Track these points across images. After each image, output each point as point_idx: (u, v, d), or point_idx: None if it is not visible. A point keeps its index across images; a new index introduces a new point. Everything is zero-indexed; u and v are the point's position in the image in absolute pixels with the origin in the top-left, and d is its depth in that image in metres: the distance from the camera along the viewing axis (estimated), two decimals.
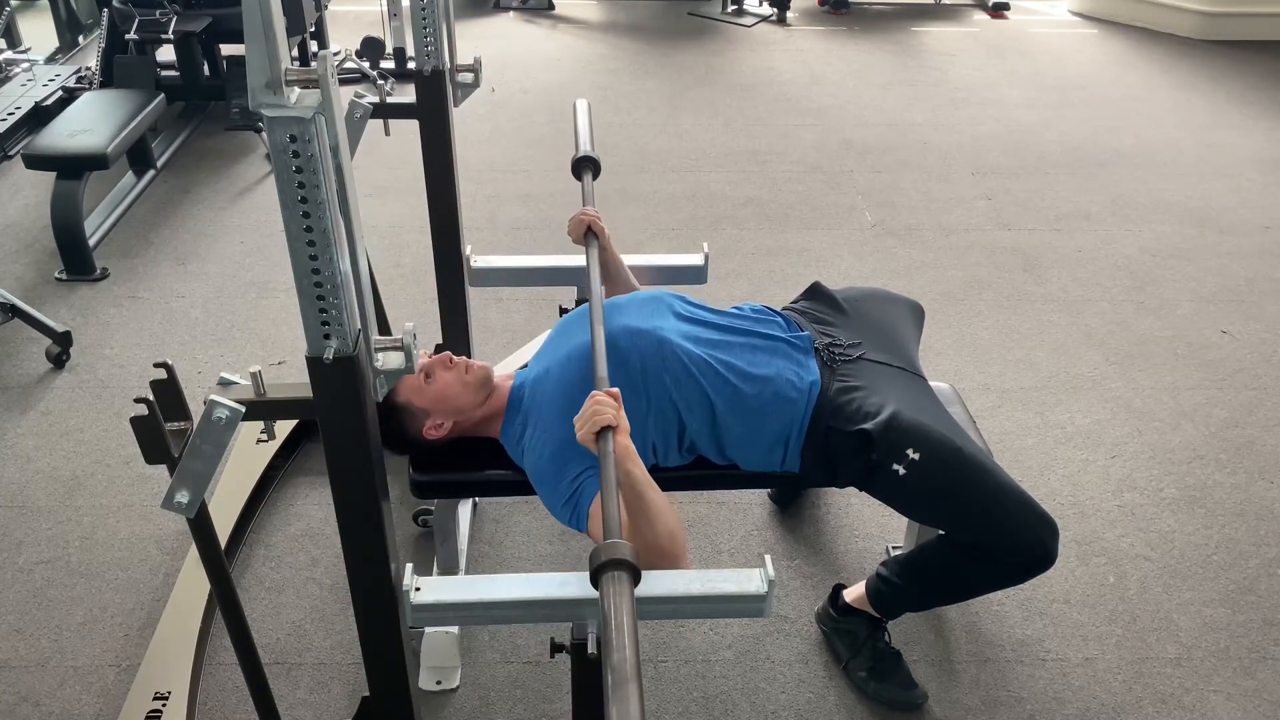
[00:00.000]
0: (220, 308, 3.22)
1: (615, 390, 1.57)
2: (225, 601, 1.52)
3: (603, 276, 2.10)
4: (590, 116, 2.39)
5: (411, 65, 2.89)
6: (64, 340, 2.95)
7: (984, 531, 1.76)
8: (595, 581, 1.20)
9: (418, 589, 1.50)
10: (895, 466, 1.74)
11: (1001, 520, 1.74)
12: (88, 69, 4.54)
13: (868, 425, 1.75)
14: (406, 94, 2.37)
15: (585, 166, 2.25)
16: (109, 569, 2.28)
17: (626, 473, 1.52)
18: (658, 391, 1.78)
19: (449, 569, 2.13)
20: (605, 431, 1.48)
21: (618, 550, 1.21)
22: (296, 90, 1.06)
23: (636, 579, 1.21)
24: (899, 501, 1.86)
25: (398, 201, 3.84)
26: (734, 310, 1.98)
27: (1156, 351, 3.03)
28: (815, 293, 2.11)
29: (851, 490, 2.26)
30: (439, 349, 2.05)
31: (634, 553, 1.21)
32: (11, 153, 4.05)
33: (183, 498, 1.31)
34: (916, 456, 1.73)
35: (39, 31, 5.19)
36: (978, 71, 5.27)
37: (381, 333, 1.34)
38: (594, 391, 1.55)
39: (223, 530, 2.25)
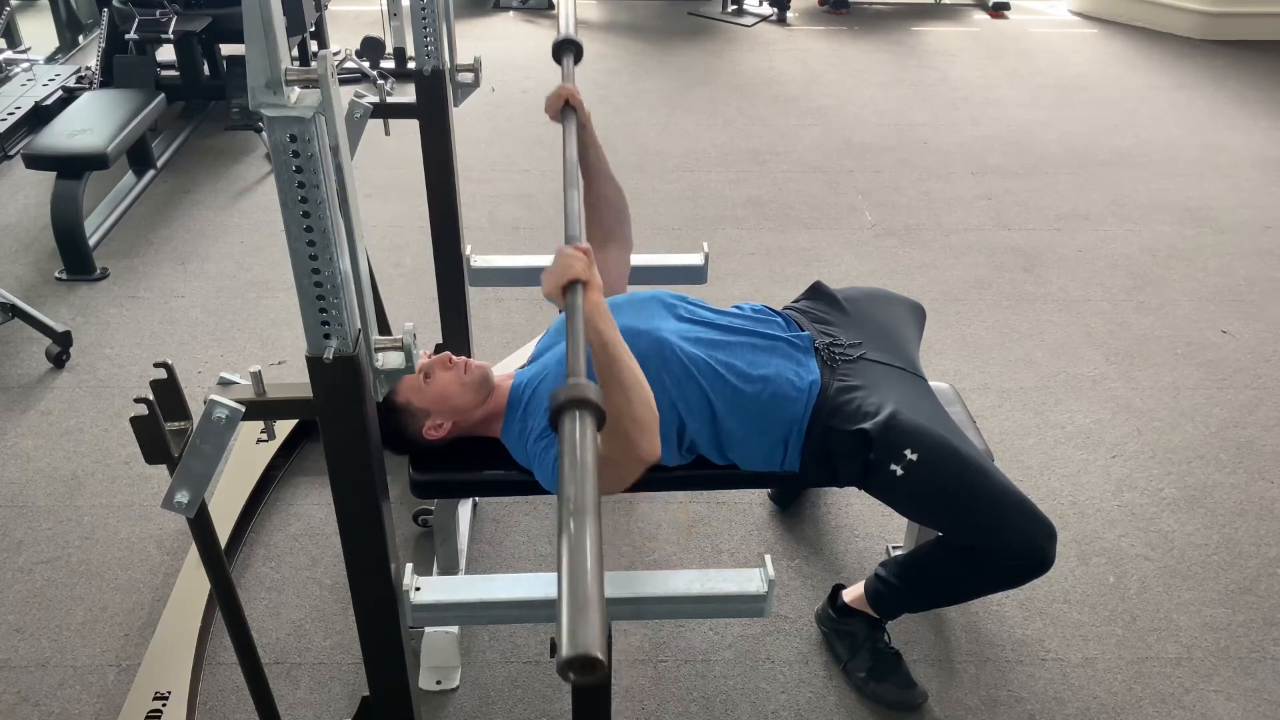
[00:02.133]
0: (220, 308, 3.22)
1: (587, 246, 1.47)
2: (225, 601, 1.52)
3: (582, 166, 2.05)
4: (574, 7, 2.35)
5: (411, 65, 2.89)
6: (64, 340, 2.95)
7: (981, 534, 1.76)
8: (555, 422, 1.07)
9: (418, 589, 1.50)
10: (893, 467, 1.74)
11: (998, 523, 1.74)
12: (88, 69, 4.54)
13: (866, 425, 1.75)
14: (406, 94, 2.37)
15: (567, 49, 2.19)
16: (109, 569, 2.28)
17: (598, 332, 1.44)
18: (657, 392, 1.76)
19: (449, 569, 2.13)
20: (574, 285, 1.38)
21: (584, 390, 1.07)
22: (296, 90, 1.06)
23: (601, 421, 1.08)
24: (896, 502, 1.86)
25: (398, 201, 3.84)
26: (734, 310, 1.97)
27: (1156, 351, 3.03)
28: (816, 292, 2.11)
29: (851, 490, 2.26)
30: (439, 349, 2.05)
31: (599, 394, 1.08)
32: (11, 152, 4.05)
33: (183, 498, 1.31)
34: (914, 457, 1.73)
35: (39, 31, 5.19)
36: (978, 71, 5.27)
37: (381, 333, 1.34)
38: (562, 245, 1.45)
39: (223, 530, 2.25)
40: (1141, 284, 3.38)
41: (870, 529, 2.39)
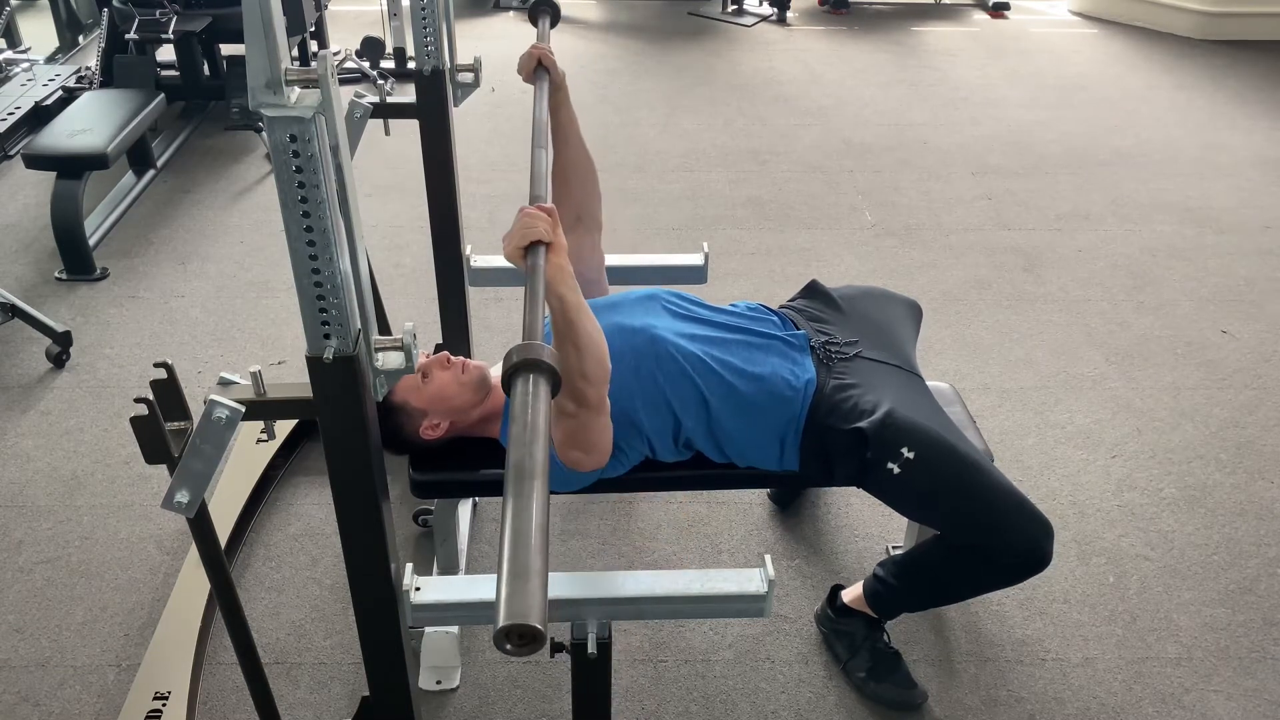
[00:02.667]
0: (220, 308, 3.22)
1: (551, 206, 1.45)
2: (225, 601, 1.52)
3: (553, 129, 2.05)
4: None
5: (411, 65, 2.89)
6: (64, 340, 2.95)
7: (978, 532, 1.76)
8: (508, 386, 1.05)
9: (418, 589, 1.50)
10: (890, 465, 1.74)
11: (996, 521, 1.74)
12: (88, 69, 4.54)
13: (863, 423, 1.75)
14: (406, 94, 2.37)
15: (543, 10, 2.17)
16: (109, 569, 2.28)
17: (559, 297, 1.42)
18: (651, 390, 1.77)
19: (449, 569, 2.13)
20: (536, 246, 1.37)
21: (536, 351, 1.05)
22: (296, 90, 1.06)
23: (556, 386, 1.06)
24: (894, 500, 1.86)
25: (398, 201, 3.84)
26: (730, 308, 1.97)
27: (1156, 351, 3.03)
28: (812, 291, 2.11)
29: (851, 490, 2.26)
30: (439, 349, 2.05)
31: (554, 356, 1.06)
32: (11, 152, 4.05)
33: (183, 497, 1.31)
34: (911, 455, 1.73)
35: (39, 31, 5.19)
36: (978, 71, 5.27)
37: (381, 333, 1.34)
38: (524, 206, 1.43)
39: (223, 530, 2.25)
40: (1141, 284, 3.38)
41: (870, 529, 2.39)
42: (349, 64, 4.89)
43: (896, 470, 1.73)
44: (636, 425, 1.77)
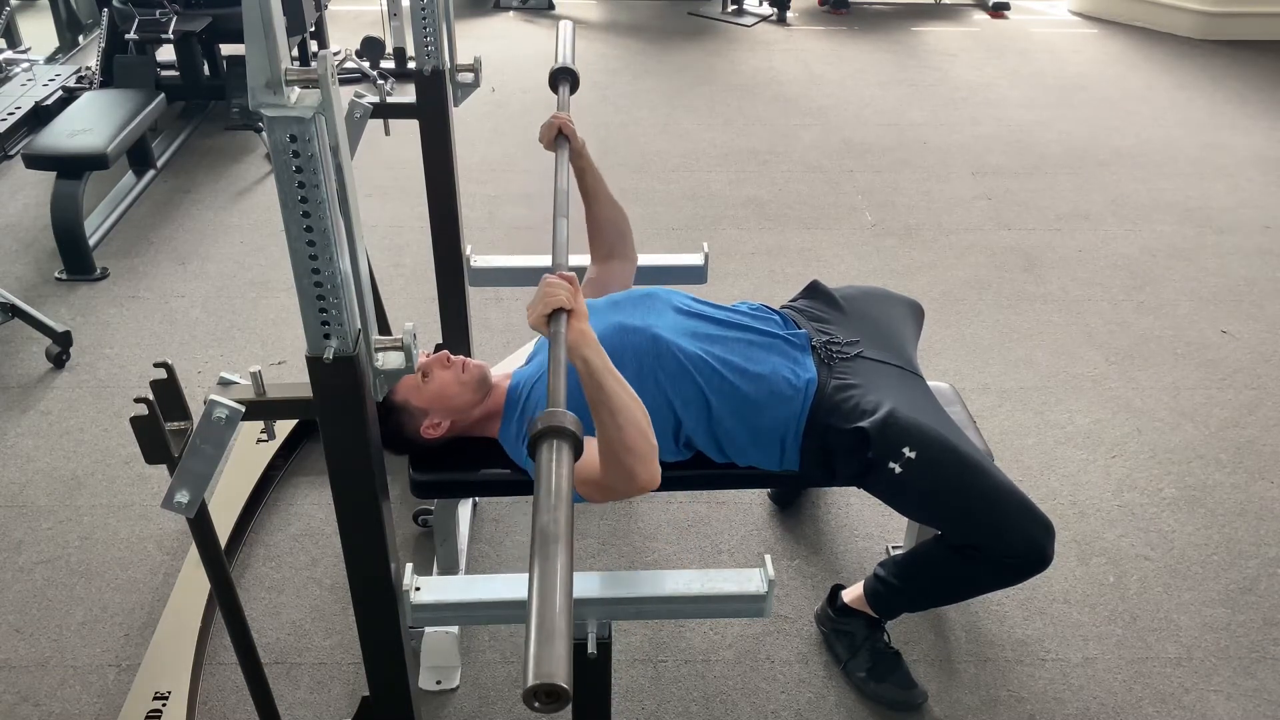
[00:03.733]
0: (220, 308, 3.22)
1: (572, 275, 1.48)
2: (225, 601, 1.52)
3: (582, 193, 2.10)
4: (573, 35, 2.34)
5: (411, 65, 2.89)
6: (64, 340, 2.95)
7: (980, 531, 1.76)
8: (533, 452, 1.11)
9: (418, 589, 1.50)
10: (892, 465, 1.74)
11: (997, 520, 1.74)
12: (88, 69, 4.54)
13: (864, 423, 1.75)
14: (406, 94, 2.37)
15: (563, 78, 2.20)
16: (109, 569, 2.28)
17: (584, 361, 1.42)
18: (652, 389, 1.77)
19: (449, 569, 2.13)
20: (558, 314, 1.40)
21: (559, 419, 1.11)
22: (296, 90, 1.06)
23: (578, 451, 1.11)
24: (895, 500, 1.86)
25: (398, 201, 3.84)
26: (731, 307, 1.97)
27: (1156, 351, 3.03)
28: (813, 291, 2.11)
29: (851, 490, 2.26)
30: (439, 348, 2.04)
31: (576, 423, 1.11)
32: (11, 152, 4.05)
33: (183, 497, 1.31)
34: (913, 455, 1.73)
35: (39, 31, 5.19)
36: (978, 71, 5.27)
37: (381, 333, 1.34)
38: (546, 275, 1.46)
39: (223, 530, 2.25)
40: (1141, 284, 3.38)
41: (870, 529, 2.39)
42: (349, 64, 4.89)
43: (898, 470, 1.73)
44: None
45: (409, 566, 1.52)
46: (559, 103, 2.17)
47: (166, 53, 4.52)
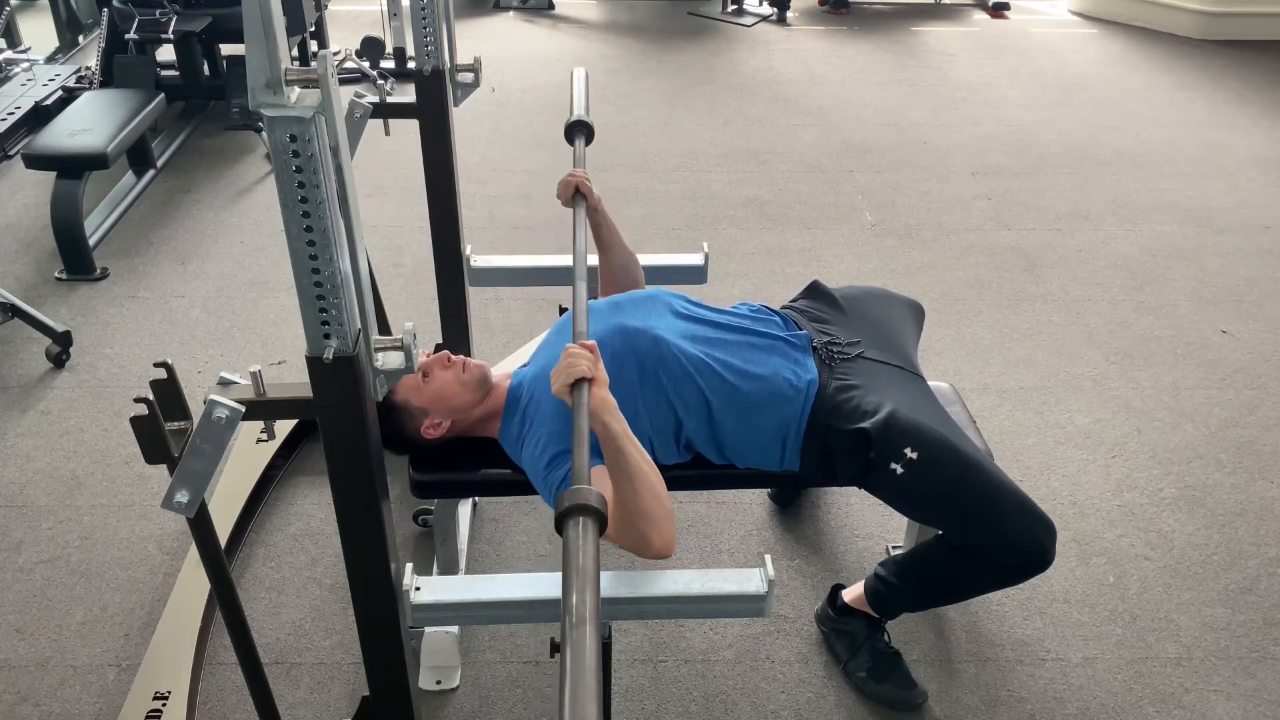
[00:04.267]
0: (220, 308, 3.22)
1: (592, 343, 1.52)
2: (225, 601, 1.52)
3: (597, 242, 2.13)
4: (587, 85, 2.36)
5: (411, 65, 2.89)
6: (64, 340, 2.95)
7: (981, 532, 1.76)
8: (559, 527, 1.15)
9: (418, 589, 1.50)
10: (893, 465, 1.74)
11: (998, 520, 1.74)
12: (88, 69, 4.54)
13: (866, 424, 1.75)
14: (406, 94, 2.37)
15: (578, 131, 2.22)
16: (109, 569, 2.28)
17: (604, 426, 1.46)
18: (654, 390, 1.77)
19: (449, 569, 2.13)
20: (580, 383, 1.44)
21: (584, 496, 1.15)
22: (296, 90, 1.06)
23: (603, 526, 1.15)
24: (896, 500, 1.86)
25: (398, 201, 3.84)
26: (731, 309, 1.97)
27: (1156, 351, 3.03)
28: (814, 291, 2.11)
29: (851, 490, 2.26)
30: (439, 348, 2.05)
31: (601, 500, 1.16)
32: (11, 152, 4.05)
33: (183, 497, 1.31)
34: (914, 456, 1.73)
35: (39, 31, 5.19)
36: (978, 71, 5.27)
37: (381, 333, 1.34)
38: (569, 344, 1.51)
39: (223, 530, 2.25)
40: (1141, 284, 3.38)
41: (870, 529, 2.39)
42: (349, 64, 4.89)
43: (900, 471, 1.73)
44: (639, 427, 1.77)
45: (409, 566, 1.52)
46: (575, 157, 2.19)
47: (166, 53, 4.53)
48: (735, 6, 6.19)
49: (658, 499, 1.50)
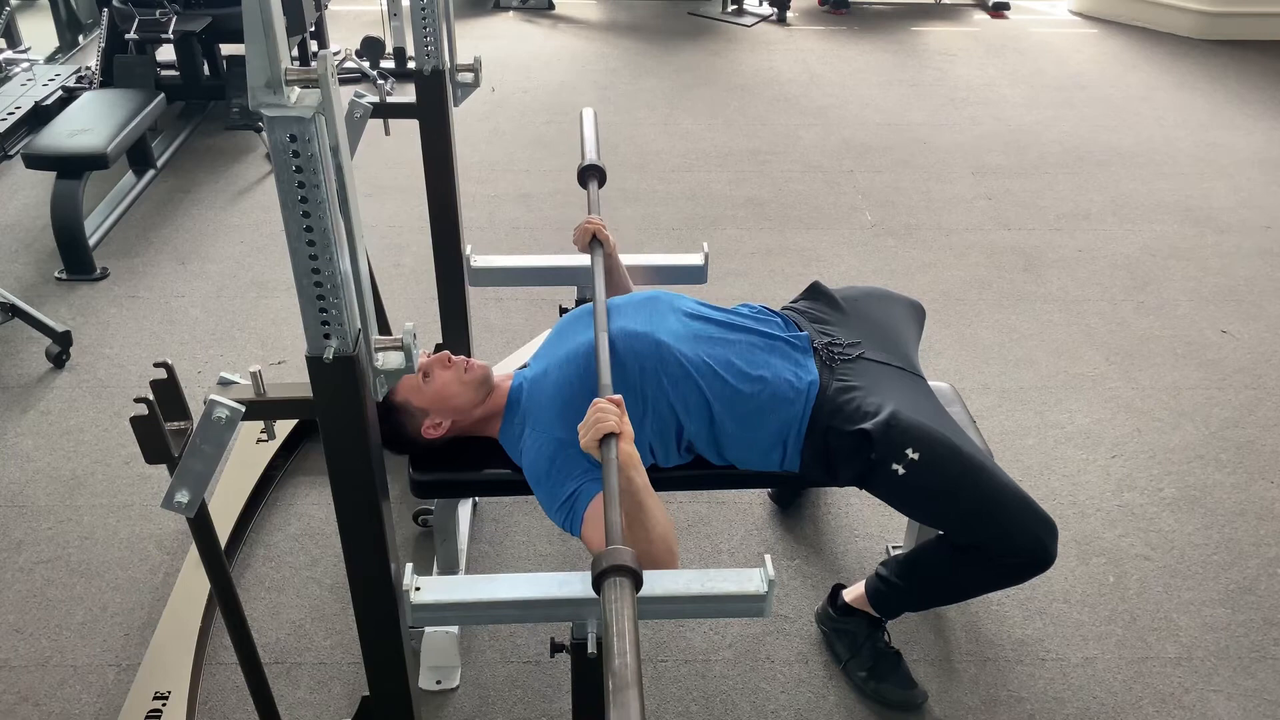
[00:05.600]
0: (220, 308, 3.22)
1: (618, 397, 1.57)
2: (225, 601, 1.52)
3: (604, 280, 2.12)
4: (596, 125, 2.40)
5: (411, 65, 2.89)
6: (64, 340, 2.95)
7: (983, 531, 1.76)
8: (598, 587, 1.21)
9: (418, 589, 1.50)
10: (895, 466, 1.74)
11: (1000, 520, 1.74)
12: (88, 69, 4.54)
13: (867, 425, 1.75)
14: (406, 94, 2.37)
15: (591, 175, 2.26)
16: (109, 569, 2.28)
17: (629, 479, 1.52)
18: (655, 393, 1.77)
19: (449, 569, 2.13)
20: (609, 438, 1.48)
21: (621, 556, 1.21)
22: (296, 90, 1.06)
23: (638, 585, 1.21)
24: (898, 501, 1.86)
25: (398, 201, 3.84)
26: (732, 310, 1.97)
27: (1156, 351, 3.03)
28: (814, 292, 2.11)
29: (851, 490, 2.25)
30: (439, 348, 2.05)
31: (636, 559, 1.22)
32: (11, 152, 4.05)
33: (183, 497, 1.31)
34: (916, 456, 1.73)
35: (39, 31, 5.20)
36: (978, 71, 5.27)
37: (381, 333, 1.34)
38: (596, 398, 1.55)
39: (223, 530, 2.25)
40: (1141, 284, 3.38)
41: (870, 529, 2.39)
42: (349, 64, 4.89)
43: (901, 471, 1.73)
44: (640, 429, 1.77)
45: (409, 566, 1.52)
46: (590, 202, 2.20)
47: (166, 53, 4.53)
48: (735, 6, 6.19)
49: (669, 550, 1.57)
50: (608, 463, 1.45)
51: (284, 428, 2.56)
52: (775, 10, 6.10)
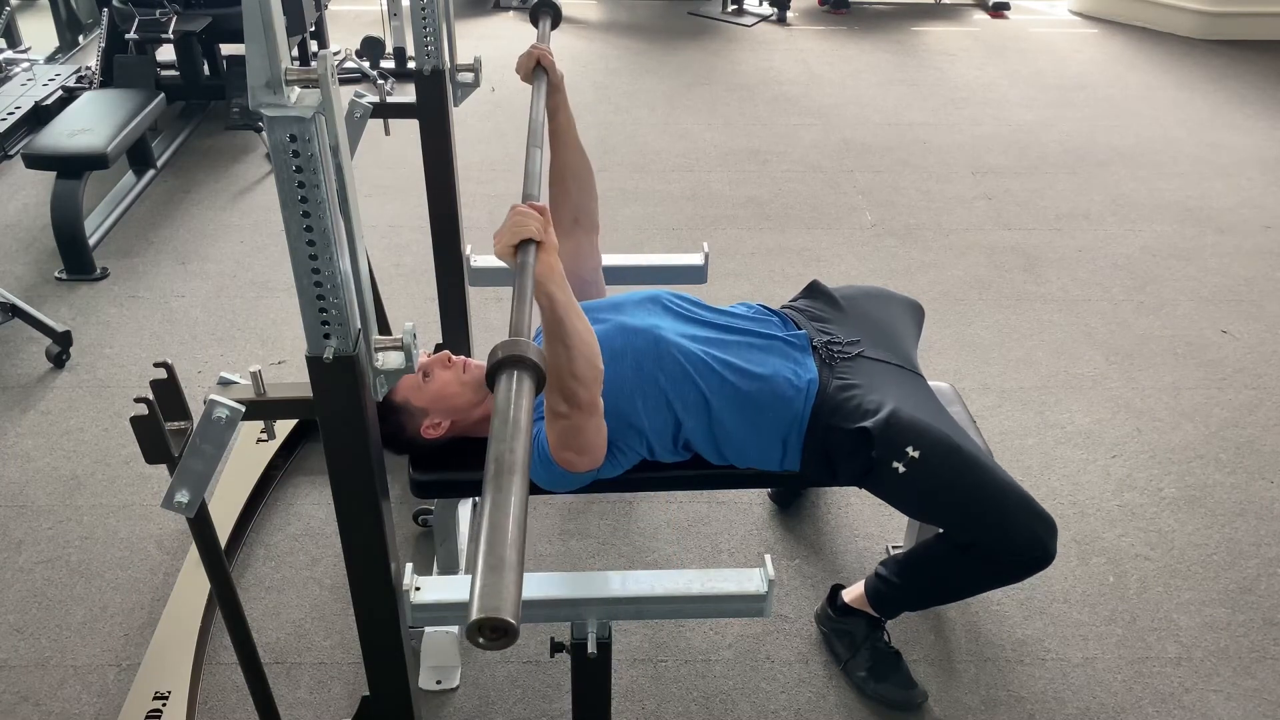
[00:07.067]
0: (220, 308, 3.22)
1: (543, 205, 1.46)
2: (225, 601, 1.52)
3: (550, 132, 2.06)
4: None
5: (411, 65, 2.89)
6: (64, 340, 2.95)
7: (983, 530, 1.76)
8: (492, 382, 1.06)
9: (418, 589, 1.50)
10: (895, 464, 1.74)
11: (1000, 518, 1.74)
12: (88, 69, 4.54)
13: (867, 423, 1.75)
14: (406, 94, 2.37)
15: (543, 11, 2.16)
16: (109, 569, 2.28)
17: (549, 295, 1.42)
18: (653, 390, 1.77)
19: (449, 569, 2.13)
20: (527, 244, 1.39)
21: (521, 348, 1.06)
22: (296, 90, 1.06)
23: (540, 382, 1.06)
24: (898, 499, 1.86)
25: (398, 201, 3.84)
26: (731, 309, 1.97)
27: (1156, 351, 3.03)
28: (813, 291, 2.11)
29: (851, 490, 2.25)
30: (439, 348, 2.04)
31: (539, 354, 1.07)
32: (11, 152, 4.05)
33: (183, 497, 1.31)
34: (916, 454, 1.73)
35: (39, 31, 5.19)
36: (978, 71, 5.27)
37: (381, 333, 1.34)
38: (516, 204, 1.45)
39: (223, 530, 2.25)
40: (1141, 284, 3.38)
41: (870, 529, 2.39)
42: (349, 64, 4.89)
43: (901, 470, 1.73)
44: (636, 426, 1.77)
45: (409, 566, 1.52)
46: (539, 35, 2.14)
47: (166, 52, 4.52)
48: (735, 6, 6.19)
49: (590, 363, 1.49)
50: (522, 267, 1.34)
51: (284, 428, 2.56)
52: (775, 10, 6.10)
